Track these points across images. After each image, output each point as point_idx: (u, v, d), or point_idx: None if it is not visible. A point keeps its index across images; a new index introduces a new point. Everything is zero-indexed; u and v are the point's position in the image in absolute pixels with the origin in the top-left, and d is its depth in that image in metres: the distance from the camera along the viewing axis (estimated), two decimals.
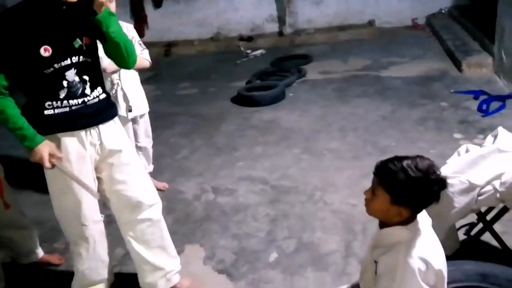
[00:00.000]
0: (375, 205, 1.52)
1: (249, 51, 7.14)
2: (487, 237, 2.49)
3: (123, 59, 2.11)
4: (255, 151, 4.06)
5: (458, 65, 5.25)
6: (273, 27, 7.70)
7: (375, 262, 1.57)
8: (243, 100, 5.08)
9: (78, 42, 1.99)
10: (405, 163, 1.43)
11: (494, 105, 4.24)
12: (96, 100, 2.09)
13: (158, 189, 3.50)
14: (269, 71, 5.94)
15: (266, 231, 2.97)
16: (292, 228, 2.97)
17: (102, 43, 2.07)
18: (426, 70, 5.41)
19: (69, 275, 2.47)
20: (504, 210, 2.22)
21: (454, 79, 5.04)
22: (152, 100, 3.47)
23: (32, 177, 3.78)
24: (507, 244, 2.39)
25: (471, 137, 3.76)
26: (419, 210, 1.50)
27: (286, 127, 4.45)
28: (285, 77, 5.57)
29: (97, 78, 2.13)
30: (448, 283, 1.84)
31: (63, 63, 1.95)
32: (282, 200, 3.30)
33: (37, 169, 2.14)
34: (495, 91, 4.54)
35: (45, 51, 1.91)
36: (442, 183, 1.45)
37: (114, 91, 3.14)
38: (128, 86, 3.18)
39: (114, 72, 3.09)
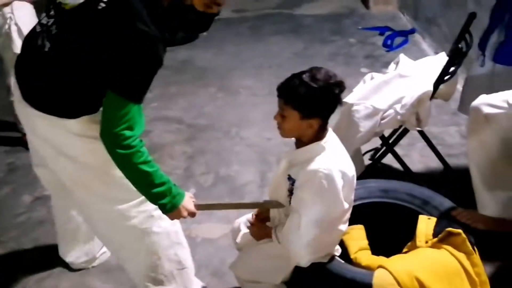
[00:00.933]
0: (286, 125, 1.55)
1: None
2: (390, 161, 2.69)
3: None
4: (169, 91, 3.95)
5: (365, 2, 5.39)
6: None
7: (290, 179, 1.62)
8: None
9: None
10: (303, 77, 1.48)
11: (398, 40, 4.46)
12: None
13: None
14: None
15: (184, 168, 2.97)
16: (209, 163, 2.99)
17: None
18: (336, 7, 5.49)
19: None
20: (404, 132, 2.39)
21: (362, 16, 5.19)
22: None
23: None
24: (407, 164, 2.59)
25: (376, 71, 3.86)
26: (327, 118, 1.56)
27: (200, 66, 4.37)
28: None
29: None
30: (353, 200, 1.98)
31: None
32: (199, 137, 3.29)
33: None
34: (399, 26, 4.75)
35: None
36: (341, 84, 1.51)
37: (7, 26, 2.85)
38: (23, 21, 2.89)
39: (5, 4, 2.79)
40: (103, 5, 1.42)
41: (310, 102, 1.49)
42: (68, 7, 1.49)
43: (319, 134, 1.58)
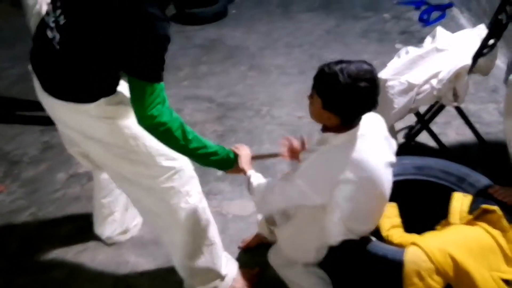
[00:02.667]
0: (312, 109, 1.51)
1: None
2: (425, 139, 2.61)
3: None
4: (200, 70, 3.95)
5: None
6: None
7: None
8: (183, 18, 4.85)
9: None
10: (338, 67, 1.39)
11: (435, 14, 4.30)
12: None
13: None
14: None
15: None
16: (240, 141, 2.94)
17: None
18: None
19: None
20: (440, 108, 2.31)
21: None
22: None
23: None
24: (443, 142, 2.51)
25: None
26: (347, 119, 1.46)
27: (231, 45, 4.34)
28: None
29: None
30: None
31: None
32: (229, 116, 3.28)
33: None
34: (436, 0, 4.57)
35: None
36: (371, 89, 1.39)
37: (38, 6, 2.87)
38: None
39: None
40: None
41: (332, 95, 1.41)
42: None
43: (341, 128, 1.49)
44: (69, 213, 2.52)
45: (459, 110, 2.52)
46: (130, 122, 1.62)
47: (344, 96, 1.39)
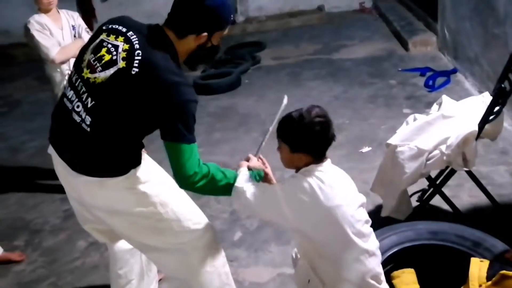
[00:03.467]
0: (283, 157, 1.66)
1: None
2: (438, 202, 2.65)
3: None
4: (214, 137, 4.09)
5: (404, 44, 5.45)
6: None
7: None
8: (199, 88, 5.06)
9: None
10: (293, 113, 1.60)
11: (439, 80, 4.45)
12: None
13: None
14: (223, 59, 5.94)
15: (229, 212, 3.02)
16: None
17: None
18: (374, 51, 5.58)
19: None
20: (451, 172, 2.36)
21: (401, 58, 5.24)
22: None
23: None
24: (456, 205, 2.54)
25: (419, 111, 3.83)
26: (317, 154, 1.60)
27: (243, 113, 4.50)
28: (239, 64, 5.60)
29: None
30: (401, 243, 1.98)
31: None
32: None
33: None
34: (440, 67, 4.75)
35: None
36: (323, 123, 1.57)
37: (65, 82, 3.08)
38: None
39: (63, 62, 3.03)
40: (136, 69, 1.53)
41: (295, 138, 1.58)
42: (99, 81, 1.57)
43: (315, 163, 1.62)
44: (87, 283, 2.54)
45: (470, 173, 2.57)
46: (159, 189, 1.70)
47: (304, 134, 1.57)
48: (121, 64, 1.55)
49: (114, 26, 1.64)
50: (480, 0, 3.97)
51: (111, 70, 1.56)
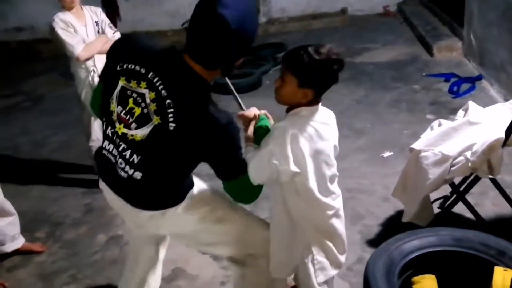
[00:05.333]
0: (284, 90, 1.63)
1: None
2: (461, 209, 2.61)
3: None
4: None
5: (429, 49, 5.38)
6: None
7: None
8: (220, 87, 5.06)
9: None
10: (308, 49, 1.58)
11: (464, 86, 4.39)
12: None
13: None
14: (245, 60, 5.96)
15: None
16: (262, 207, 3.02)
17: None
18: (398, 55, 5.52)
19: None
20: (475, 180, 2.32)
21: (425, 62, 5.18)
22: None
23: (4, 168, 3.77)
24: (479, 213, 2.49)
25: (443, 117, 3.76)
26: (321, 92, 1.64)
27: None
28: (261, 65, 5.60)
29: None
30: (423, 247, 1.95)
31: None
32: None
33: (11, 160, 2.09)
34: (465, 73, 4.68)
35: None
36: (341, 62, 1.59)
37: (90, 78, 3.13)
38: None
39: (87, 59, 3.07)
40: (173, 125, 1.43)
41: (309, 72, 1.57)
42: (139, 138, 1.49)
43: (312, 103, 1.65)
44: (106, 276, 2.56)
45: (495, 182, 2.52)
46: (215, 205, 1.73)
47: (320, 70, 1.57)
48: (156, 120, 1.45)
49: (130, 67, 1.49)
50: (509, 6, 3.90)
51: (148, 128, 1.47)
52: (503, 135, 2.16)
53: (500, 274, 1.72)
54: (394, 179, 2.66)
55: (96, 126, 3.22)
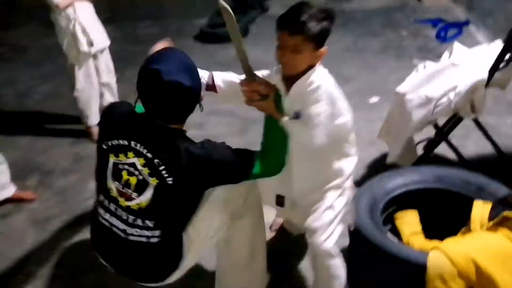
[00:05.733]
0: (299, 59, 1.67)
1: None
2: (444, 151, 2.67)
3: None
4: None
5: None
6: None
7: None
8: (206, 36, 5.01)
9: None
10: (310, 13, 1.63)
11: (452, 32, 4.38)
12: None
13: None
14: (231, 8, 5.84)
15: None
16: None
17: None
18: (387, 1, 5.45)
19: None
20: (458, 120, 2.37)
21: (413, 9, 5.13)
22: (112, 40, 3.39)
23: None
24: (462, 155, 2.56)
25: None
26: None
27: (251, 62, 4.45)
28: (247, 12, 5.50)
29: None
30: (407, 185, 2.01)
31: None
32: (251, 130, 3.38)
33: None
34: (453, 18, 4.67)
35: None
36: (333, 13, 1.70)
37: (71, 27, 3.06)
38: (85, 20, 3.10)
39: (67, 6, 2.99)
40: (170, 179, 1.52)
41: (323, 32, 1.64)
42: (144, 205, 1.57)
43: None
44: None
45: (478, 123, 2.58)
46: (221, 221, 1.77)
47: (327, 27, 1.66)
48: (153, 181, 1.54)
49: (115, 143, 1.57)
50: None
51: (149, 192, 1.55)
52: (486, 76, 2.19)
53: (479, 207, 1.79)
54: (380, 123, 2.69)
55: (80, 75, 3.18)
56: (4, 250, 2.46)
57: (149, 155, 1.53)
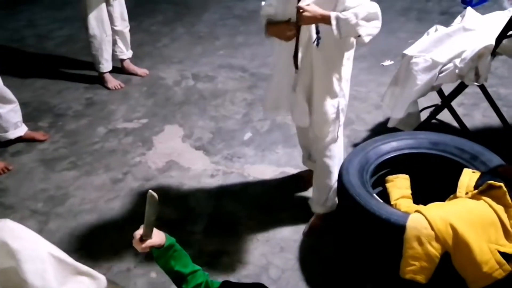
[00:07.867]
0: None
1: None
2: (450, 118, 2.64)
3: None
4: (236, 40, 4.06)
5: None
6: None
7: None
8: None
9: None
10: None
11: None
12: None
13: (138, 75, 3.57)
14: None
15: (243, 113, 3.10)
16: None
17: None
18: None
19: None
20: (462, 87, 2.33)
21: None
22: None
23: (10, 60, 3.84)
24: (464, 123, 2.53)
25: None
26: None
27: None
28: None
29: None
30: (401, 149, 2.02)
31: None
32: (260, 86, 3.39)
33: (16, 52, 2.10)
34: None
35: None
36: None
37: None
38: None
39: None
40: None
41: None
42: None
43: None
44: (104, 164, 2.72)
45: (485, 92, 2.53)
46: None
47: None
48: None
49: None
50: None
51: None
52: (493, 42, 2.13)
53: (467, 175, 1.80)
54: None
55: (92, 19, 3.19)
56: (13, 185, 2.59)
57: None
